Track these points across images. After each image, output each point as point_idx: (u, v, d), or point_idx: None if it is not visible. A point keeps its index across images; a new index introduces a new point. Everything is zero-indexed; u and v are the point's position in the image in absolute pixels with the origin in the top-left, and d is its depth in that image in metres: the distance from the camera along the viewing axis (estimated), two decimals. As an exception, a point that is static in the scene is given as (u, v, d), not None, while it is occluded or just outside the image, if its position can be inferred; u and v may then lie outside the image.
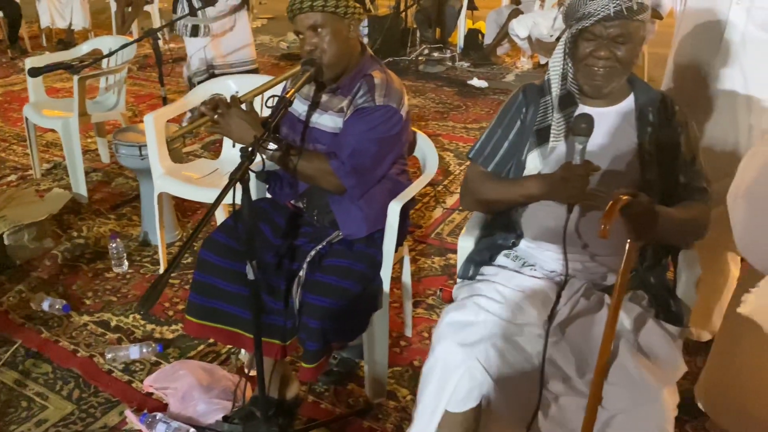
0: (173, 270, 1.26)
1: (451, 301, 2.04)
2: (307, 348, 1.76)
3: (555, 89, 1.65)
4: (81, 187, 3.35)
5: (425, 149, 2.17)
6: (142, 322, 2.44)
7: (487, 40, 6.72)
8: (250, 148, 1.53)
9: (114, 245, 2.74)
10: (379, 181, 1.89)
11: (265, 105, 1.76)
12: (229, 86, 2.84)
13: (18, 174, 3.72)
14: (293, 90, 1.72)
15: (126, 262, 2.78)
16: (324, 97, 1.91)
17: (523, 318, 1.49)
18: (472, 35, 6.83)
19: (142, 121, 4.42)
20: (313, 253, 1.87)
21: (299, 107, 1.97)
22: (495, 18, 6.57)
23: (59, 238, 2.98)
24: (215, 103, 1.76)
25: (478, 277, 1.65)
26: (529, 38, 5.72)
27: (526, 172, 1.67)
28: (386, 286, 1.92)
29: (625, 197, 1.31)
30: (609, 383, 1.40)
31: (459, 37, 6.81)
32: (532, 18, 5.70)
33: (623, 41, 1.51)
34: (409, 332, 2.38)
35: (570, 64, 1.61)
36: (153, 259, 2.87)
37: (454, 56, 6.45)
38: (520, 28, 5.80)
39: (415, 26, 6.74)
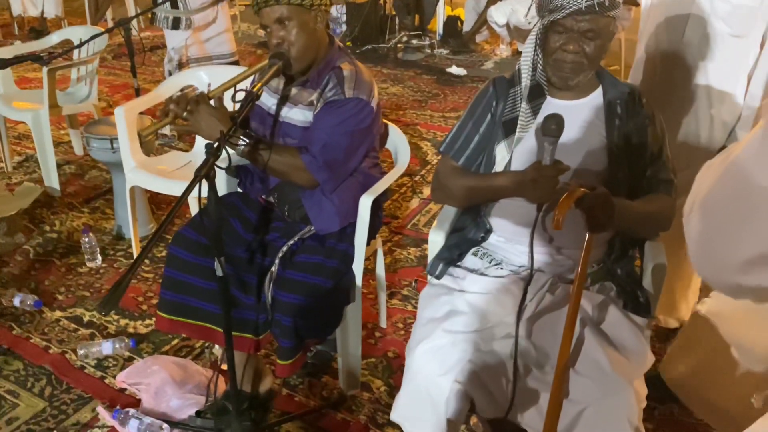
0: (135, 270, 1.24)
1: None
2: (282, 345, 1.76)
3: (525, 79, 1.65)
4: (53, 181, 3.30)
5: (397, 141, 2.17)
6: (116, 317, 2.43)
7: (466, 27, 6.71)
8: (215, 144, 1.52)
9: (87, 239, 2.71)
10: (351, 174, 1.88)
11: (232, 100, 1.75)
12: (201, 77, 2.81)
13: (-11, 167, 3.66)
14: (260, 84, 1.70)
15: (99, 257, 2.76)
16: (293, 91, 1.90)
17: (493, 320, 1.50)
18: (451, 22, 6.81)
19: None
20: (284, 248, 1.87)
21: (268, 101, 1.95)
22: (473, 5, 6.56)
23: (31, 233, 2.95)
24: (184, 100, 1.74)
25: (446, 277, 1.65)
26: (507, 25, 5.71)
27: (496, 165, 1.68)
28: (359, 280, 1.92)
29: (580, 190, 1.33)
30: (578, 375, 1.43)
31: (438, 24, 6.79)
32: (510, 5, 5.68)
33: (593, 36, 1.52)
34: (383, 323, 2.40)
35: (540, 55, 1.62)
36: (127, 253, 2.85)
37: (433, 43, 6.43)
38: (498, 15, 5.80)
39: (394, 13, 6.70)
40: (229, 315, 1.65)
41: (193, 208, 3.02)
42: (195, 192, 1.48)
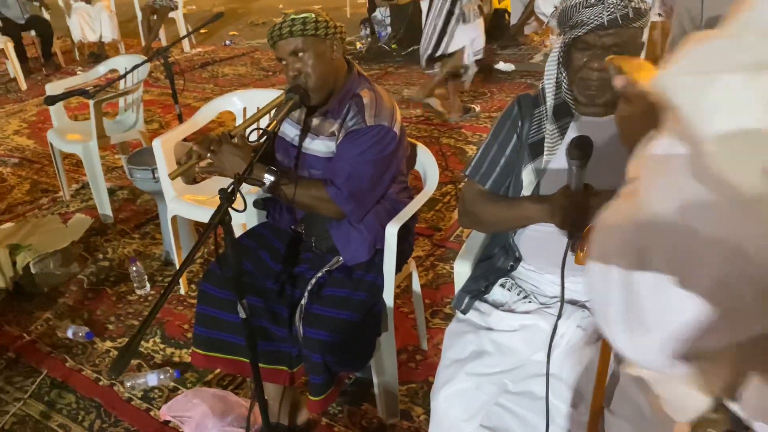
0: (146, 329, 1.25)
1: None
2: (312, 381, 1.75)
3: (549, 99, 1.57)
4: (106, 208, 3.41)
5: (425, 163, 2.11)
6: (162, 346, 2.48)
7: (514, 20, 6.54)
8: (229, 189, 1.51)
9: (134, 269, 2.78)
10: (377, 202, 1.85)
11: (247, 140, 1.74)
12: (235, 103, 2.84)
13: (49, 196, 3.82)
14: (275, 122, 1.69)
15: (148, 284, 2.83)
16: (314, 121, 1.87)
17: (521, 358, 1.44)
18: (498, 15, 6.66)
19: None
20: (313, 281, 1.85)
21: (291, 131, 1.94)
22: (520, -4, 6.39)
23: (85, 262, 3.06)
24: (206, 141, 1.75)
25: (472, 312, 1.59)
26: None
27: (523, 189, 1.60)
28: (389, 309, 1.89)
29: None
30: (614, 416, 1.34)
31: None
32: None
33: (618, 51, 1.42)
34: (424, 345, 2.35)
35: (564, 74, 1.53)
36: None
37: (479, 40, 6.29)
38: (546, 5, 5.61)
39: (438, 12, 6.60)
40: (255, 358, 1.64)
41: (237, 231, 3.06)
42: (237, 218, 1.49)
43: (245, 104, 2.83)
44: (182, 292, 2.79)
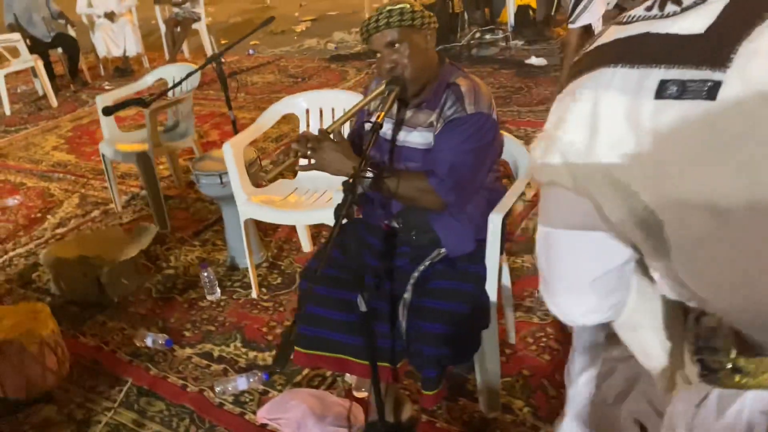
0: (297, 323, 1.23)
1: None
2: (426, 376, 1.73)
3: None
4: (163, 217, 3.40)
5: (514, 151, 2.09)
6: (244, 350, 2.46)
7: (539, 15, 6.52)
8: (351, 180, 1.49)
9: (206, 274, 2.77)
10: (477, 191, 1.83)
11: (359, 131, 1.72)
12: (299, 104, 2.83)
13: (100, 209, 3.82)
14: (383, 113, 1.67)
15: (218, 289, 2.81)
16: (408, 114, 1.86)
17: None
18: (523, 11, 6.64)
19: (213, 144, 4.50)
20: (416, 274, 1.83)
21: (384, 126, 1.92)
22: (544, -9, 6.37)
23: (149, 271, 3.05)
24: (305, 139, 1.73)
25: None
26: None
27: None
28: (493, 301, 1.86)
29: None
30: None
31: (509, 15, 6.63)
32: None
33: None
34: (512, 339, 2.32)
35: None
36: (243, 283, 2.89)
37: (507, 36, 6.29)
38: (573, -1, 5.59)
39: (462, 10, 6.60)
40: (374, 353, 1.63)
41: (301, 236, 3.05)
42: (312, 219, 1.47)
43: (309, 106, 2.81)
44: (254, 295, 2.77)
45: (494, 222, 1.81)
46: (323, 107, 2.81)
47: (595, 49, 0.79)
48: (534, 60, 5.60)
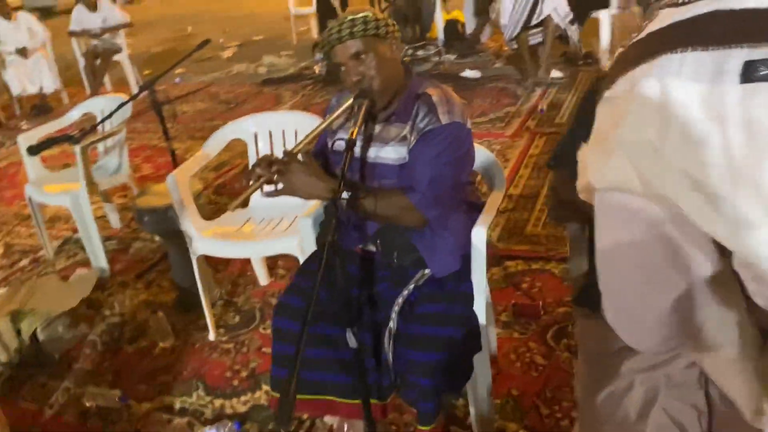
0: (296, 373, 1.07)
1: (529, 315, 1.88)
2: (423, 410, 1.59)
3: None
4: (101, 260, 3.14)
5: (486, 162, 2.00)
6: (208, 399, 2.25)
7: (468, 29, 6.58)
8: (328, 203, 1.35)
9: (156, 319, 2.54)
10: (458, 205, 1.72)
11: (332, 152, 1.59)
12: (247, 128, 2.66)
13: (29, 257, 3.50)
14: (356, 128, 1.54)
15: (172, 334, 2.59)
16: (378, 128, 1.73)
17: None
18: (451, 26, 6.69)
19: (148, 179, 4.24)
20: (400, 300, 1.69)
21: (341, 143, 1.78)
22: (471, 5, 6.44)
23: (92, 321, 2.78)
24: (269, 162, 1.58)
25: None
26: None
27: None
28: (482, 322, 1.75)
29: None
30: None
31: (438, 31, 6.67)
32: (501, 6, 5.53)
33: None
34: (494, 350, 2.21)
35: None
36: (198, 325, 2.67)
37: (439, 51, 6.30)
38: (499, 12, 5.67)
39: (393, 27, 6.57)
40: (367, 387, 1.49)
41: (257, 268, 2.87)
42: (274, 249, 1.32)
43: (257, 129, 2.65)
44: (212, 337, 2.57)
45: (479, 236, 1.70)
46: (272, 130, 2.65)
47: (651, 36, 0.68)
48: (468, 73, 5.61)
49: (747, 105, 0.59)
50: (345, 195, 1.57)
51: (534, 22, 5.10)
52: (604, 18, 5.27)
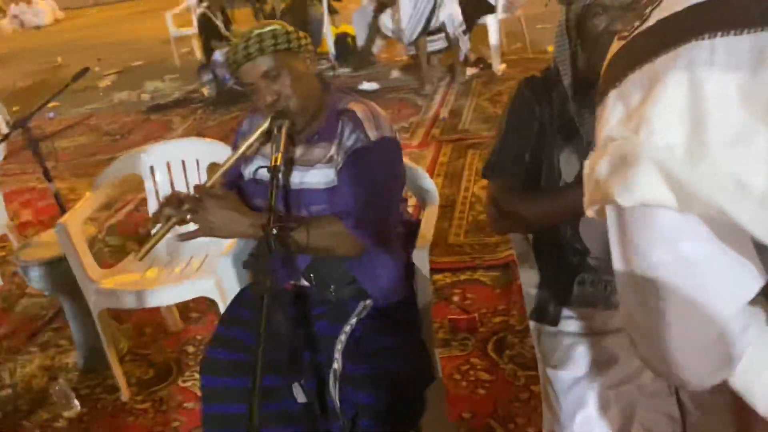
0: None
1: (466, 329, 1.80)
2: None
3: (567, 78, 1.42)
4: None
5: (414, 175, 1.88)
6: (129, 472, 1.99)
7: (360, 42, 6.52)
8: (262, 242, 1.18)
9: (57, 388, 2.23)
10: (395, 226, 1.59)
11: (255, 182, 1.41)
12: (141, 161, 2.40)
13: None
14: (280, 153, 1.38)
15: (76, 402, 2.28)
16: (300, 151, 1.57)
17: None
18: (341, 40, 6.60)
19: (29, 226, 3.82)
20: (343, 338, 1.53)
21: (263, 171, 1.60)
22: (361, 17, 6.37)
23: (-22, 397, 2.41)
24: (179, 201, 1.38)
25: (564, 321, 1.39)
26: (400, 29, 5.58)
27: (563, 176, 1.44)
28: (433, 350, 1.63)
29: None
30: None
31: (329, 45, 6.56)
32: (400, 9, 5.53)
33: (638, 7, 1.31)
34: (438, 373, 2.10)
35: (579, 46, 1.39)
36: (106, 385, 2.37)
37: (332, 65, 6.19)
38: (390, 21, 5.65)
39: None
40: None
41: (167, 315, 2.61)
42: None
43: (153, 161, 2.40)
44: (124, 398, 2.28)
45: (421, 259, 1.58)
46: (170, 161, 2.41)
47: (666, 23, 0.58)
48: (366, 85, 5.54)
49: None
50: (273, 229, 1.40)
51: (433, 26, 5.11)
52: (492, 23, 5.37)
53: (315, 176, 1.54)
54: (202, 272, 2.16)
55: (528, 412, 1.95)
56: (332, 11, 6.66)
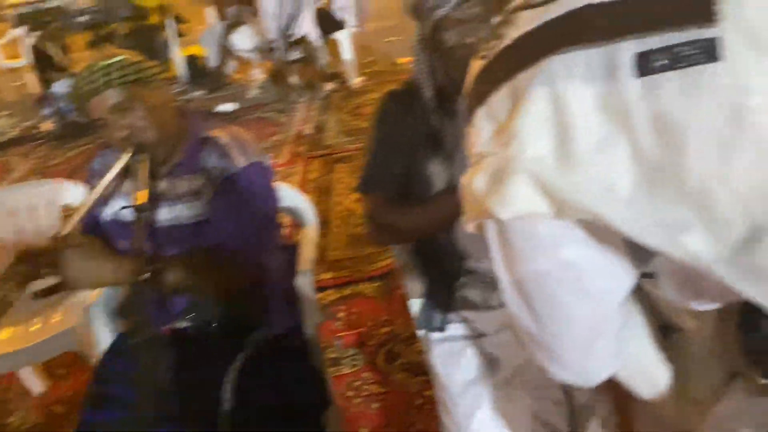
0: None
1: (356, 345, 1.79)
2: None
3: (428, 91, 1.45)
4: None
5: (287, 196, 1.84)
6: None
7: (212, 63, 6.34)
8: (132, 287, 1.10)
9: None
10: (275, 252, 1.55)
11: (117, 221, 1.30)
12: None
13: None
14: (145, 191, 1.29)
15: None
16: (163, 185, 1.48)
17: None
18: (192, 62, 6.39)
19: None
20: (232, 376, 1.46)
21: (127, 211, 1.50)
22: (211, 37, 6.20)
23: None
24: (32, 256, 1.25)
25: (451, 327, 1.41)
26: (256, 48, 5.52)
27: (434, 185, 1.47)
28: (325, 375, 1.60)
29: None
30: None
31: (178, 68, 6.32)
32: (252, 28, 5.47)
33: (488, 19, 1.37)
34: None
35: (438, 59, 1.43)
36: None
37: (185, 89, 5.96)
38: (243, 41, 5.57)
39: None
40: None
41: (27, 376, 2.37)
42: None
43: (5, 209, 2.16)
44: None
45: (305, 284, 1.55)
46: (16, 207, 2.19)
47: (523, 40, 0.60)
48: (223, 107, 5.40)
49: (650, 100, 0.53)
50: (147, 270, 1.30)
51: (292, 32, 5.14)
52: (344, 39, 5.43)
53: (182, 211, 1.46)
54: (65, 324, 1.97)
55: (425, 418, 1.97)
56: (180, 34, 6.42)
